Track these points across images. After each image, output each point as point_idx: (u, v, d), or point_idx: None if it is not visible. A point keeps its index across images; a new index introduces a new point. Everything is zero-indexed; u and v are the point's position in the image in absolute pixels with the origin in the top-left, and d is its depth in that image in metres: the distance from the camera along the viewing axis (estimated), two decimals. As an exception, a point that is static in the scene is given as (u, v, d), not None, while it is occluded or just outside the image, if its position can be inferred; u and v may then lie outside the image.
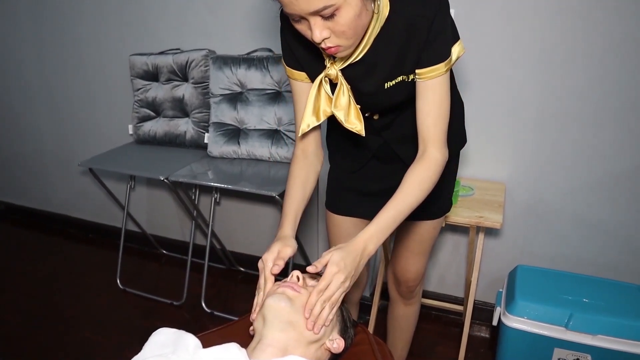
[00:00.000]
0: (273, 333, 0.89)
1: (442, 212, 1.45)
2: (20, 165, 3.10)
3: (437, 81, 1.09)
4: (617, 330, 1.63)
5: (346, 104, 1.12)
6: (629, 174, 1.78)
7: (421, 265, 1.54)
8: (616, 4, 1.61)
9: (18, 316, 2.31)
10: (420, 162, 1.13)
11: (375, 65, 1.11)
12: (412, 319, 1.72)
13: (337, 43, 0.99)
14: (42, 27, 2.61)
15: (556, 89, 1.76)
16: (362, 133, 1.14)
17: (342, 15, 0.93)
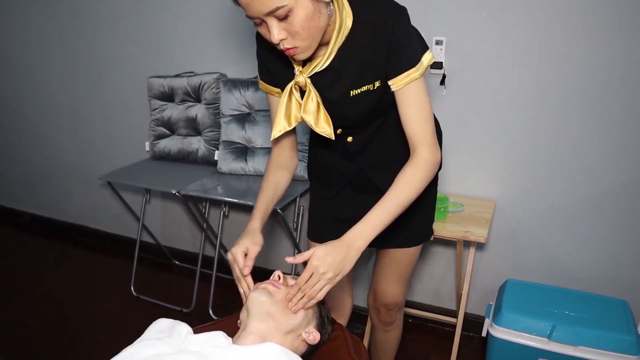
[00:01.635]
0: (254, 323, 1.01)
1: (421, 240, 1.50)
2: (43, 179, 3.29)
3: (413, 85, 1.14)
4: (598, 342, 1.71)
5: (315, 109, 1.18)
6: (614, 192, 1.86)
7: (399, 291, 1.59)
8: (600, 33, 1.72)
9: (36, 319, 2.47)
10: (410, 163, 1.17)
11: (341, 74, 1.17)
12: (393, 343, 1.77)
13: (293, 44, 1.06)
14: (69, 51, 2.82)
15: (545, 111, 1.87)
16: (331, 137, 1.19)
17: (295, 15, 1.01)
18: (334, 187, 1.44)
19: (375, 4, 1.14)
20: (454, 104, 1.99)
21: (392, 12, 1.12)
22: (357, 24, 1.13)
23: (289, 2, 0.99)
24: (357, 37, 1.14)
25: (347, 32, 1.13)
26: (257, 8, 1.00)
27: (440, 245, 2.19)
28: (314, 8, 1.03)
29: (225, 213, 2.44)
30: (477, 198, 2.05)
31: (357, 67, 1.17)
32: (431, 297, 2.33)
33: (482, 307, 2.20)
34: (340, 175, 1.40)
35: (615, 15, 1.67)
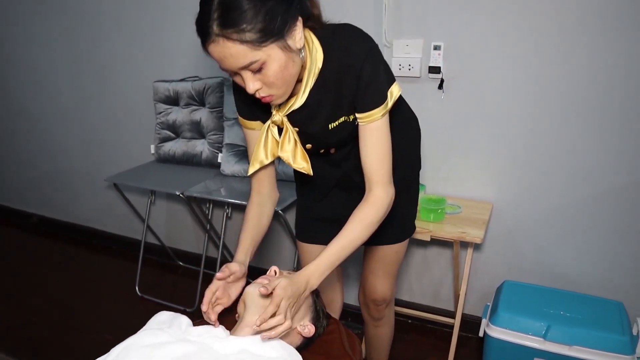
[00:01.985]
0: (250, 315, 1.06)
1: (404, 237, 1.55)
2: (51, 181, 3.36)
3: (375, 125, 1.19)
4: (592, 342, 1.73)
5: (292, 148, 1.22)
6: (611, 194, 1.89)
7: (387, 287, 1.63)
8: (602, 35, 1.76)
9: (44, 319, 2.52)
10: (365, 202, 1.23)
11: (316, 110, 1.22)
12: (385, 338, 1.81)
13: (269, 93, 1.09)
14: (76, 56, 2.89)
15: (542, 114, 1.90)
16: (309, 172, 1.24)
17: (269, 68, 1.03)
18: (321, 190, 1.48)
19: (344, 44, 1.16)
20: (452, 108, 2.03)
21: (361, 55, 1.15)
22: (328, 62, 1.16)
23: (261, 57, 1.02)
24: (328, 76, 1.18)
25: (318, 71, 1.17)
26: (231, 63, 1.03)
27: (438, 246, 2.23)
28: (287, 58, 1.06)
29: (228, 214, 2.48)
30: (474, 200, 2.09)
31: (330, 103, 1.21)
32: (430, 298, 2.37)
33: (480, 308, 2.23)
34: (326, 180, 1.44)
35: (613, 18, 1.70)
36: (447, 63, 1.98)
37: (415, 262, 2.33)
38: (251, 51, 1.00)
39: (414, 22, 1.98)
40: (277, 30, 1.01)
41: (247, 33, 0.98)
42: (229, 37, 0.99)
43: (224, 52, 1.01)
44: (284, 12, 1.02)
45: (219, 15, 0.99)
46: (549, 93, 1.87)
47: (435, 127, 2.06)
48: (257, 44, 1.00)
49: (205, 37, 1.02)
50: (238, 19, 0.98)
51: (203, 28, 1.02)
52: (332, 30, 1.17)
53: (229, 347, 0.96)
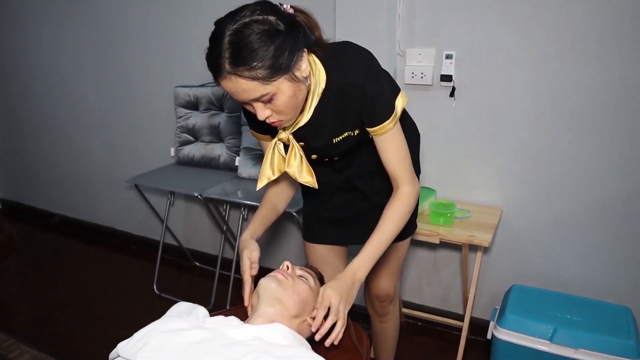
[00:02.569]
0: (264, 307, 1.12)
1: (406, 235, 1.60)
2: (73, 182, 3.48)
3: (389, 135, 1.27)
4: (597, 345, 1.76)
5: (298, 164, 1.29)
6: (618, 201, 1.92)
7: (390, 283, 1.70)
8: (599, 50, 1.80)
9: (65, 314, 2.62)
10: (394, 198, 1.32)
11: (320, 127, 1.28)
12: (390, 334, 1.87)
13: (278, 119, 1.16)
14: (101, 63, 3.01)
15: (550, 123, 1.95)
16: (315, 186, 1.31)
17: (278, 99, 1.10)
18: (325, 194, 1.54)
19: (344, 65, 1.22)
20: (462, 115, 2.08)
21: (361, 73, 1.20)
22: (331, 82, 1.22)
23: (271, 90, 1.08)
24: (331, 95, 1.24)
25: (322, 91, 1.23)
26: (243, 97, 1.10)
27: (447, 249, 2.27)
28: (295, 88, 1.12)
29: (244, 216, 2.56)
30: (483, 205, 2.13)
31: (334, 120, 1.27)
32: (439, 301, 2.41)
33: (488, 312, 2.26)
34: (330, 185, 1.49)
35: (627, 28, 1.75)
36: (459, 72, 2.03)
37: (425, 266, 2.37)
38: (262, 86, 1.07)
39: (427, 31, 2.04)
40: (285, 65, 1.07)
41: (258, 70, 1.04)
42: (240, 74, 1.04)
43: (236, 88, 1.07)
44: (291, 47, 1.08)
45: (230, 54, 1.04)
46: (557, 102, 1.91)
47: (446, 133, 2.12)
48: (268, 79, 1.06)
49: (217, 73, 1.08)
50: (249, 57, 1.03)
51: (215, 65, 1.07)
52: (332, 51, 1.23)
53: (243, 334, 1.02)
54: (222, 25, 1.07)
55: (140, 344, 0.98)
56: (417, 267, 2.40)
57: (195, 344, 0.95)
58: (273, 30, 1.05)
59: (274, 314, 1.11)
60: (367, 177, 1.47)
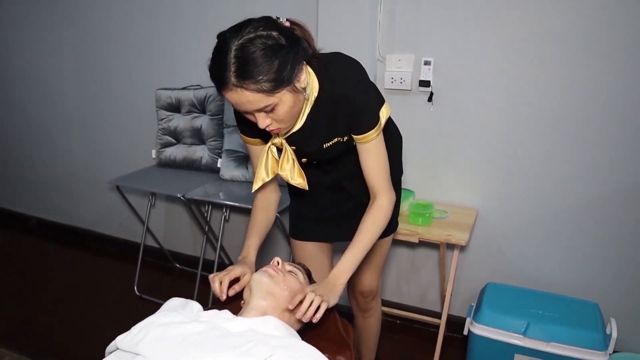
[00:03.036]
0: (256, 300, 1.17)
1: (388, 232, 1.67)
2: (53, 184, 3.45)
3: (372, 144, 1.34)
4: (567, 338, 1.86)
5: (290, 167, 1.36)
6: (588, 203, 2.03)
7: (373, 279, 1.77)
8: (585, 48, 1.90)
9: (47, 316, 2.61)
10: (372, 208, 1.39)
11: (312, 132, 1.35)
12: (373, 329, 1.94)
13: (277, 127, 1.23)
14: (81, 64, 3.01)
15: (524, 127, 2.04)
16: (305, 187, 1.38)
17: (279, 109, 1.17)
18: (313, 194, 1.59)
19: (335, 76, 1.29)
20: (440, 119, 2.16)
21: (352, 85, 1.28)
22: (323, 92, 1.29)
23: (274, 101, 1.14)
24: (324, 103, 1.31)
25: (314, 99, 1.30)
26: (247, 107, 1.15)
27: (425, 247, 2.35)
28: (295, 98, 1.19)
29: (226, 217, 2.59)
30: (460, 206, 2.22)
31: (325, 127, 1.34)
32: (417, 300, 2.48)
33: (465, 309, 2.35)
34: (318, 185, 1.55)
35: (592, 36, 1.85)
36: (437, 77, 2.11)
37: (403, 265, 2.45)
38: (266, 97, 1.12)
39: (406, 38, 2.12)
40: (288, 78, 1.13)
41: (263, 83, 1.10)
42: (246, 87, 1.10)
43: (241, 99, 1.13)
44: (293, 61, 1.14)
45: (236, 67, 1.09)
46: (532, 107, 2.00)
47: (424, 137, 2.19)
48: (272, 92, 1.12)
49: (222, 85, 1.12)
50: (254, 71, 1.08)
51: (220, 78, 1.12)
52: (324, 61, 1.29)
53: (238, 326, 1.06)
54: (227, 40, 1.11)
55: (139, 336, 1.01)
56: (395, 267, 2.47)
57: (193, 335, 0.99)
58: (276, 45, 1.10)
59: (266, 307, 1.16)
60: (353, 178, 1.53)
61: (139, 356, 0.98)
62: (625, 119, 1.88)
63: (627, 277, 2.04)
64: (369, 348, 1.98)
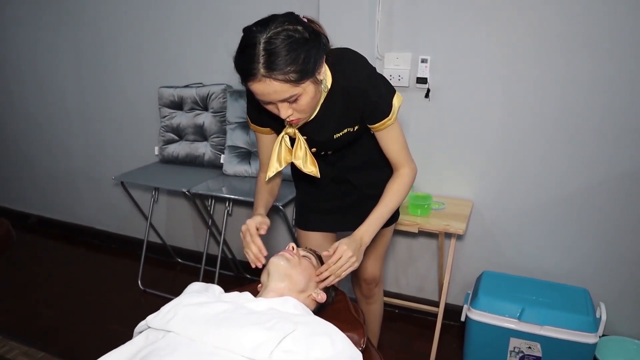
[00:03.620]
0: (274, 283, 1.25)
1: (391, 222, 1.75)
2: (52, 182, 3.50)
3: (389, 129, 1.45)
4: (560, 322, 1.96)
5: (303, 155, 1.45)
6: (579, 194, 2.13)
7: (377, 267, 1.86)
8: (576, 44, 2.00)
9: (52, 310, 2.66)
10: (395, 177, 1.52)
11: (324, 123, 1.43)
12: (375, 315, 2.02)
13: (298, 117, 1.30)
14: (81, 63, 3.05)
15: (517, 122, 2.13)
16: (317, 175, 1.47)
17: (302, 99, 1.24)
18: (318, 185, 1.68)
19: (348, 69, 1.37)
20: (436, 115, 2.25)
21: (364, 77, 1.38)
22: (336, 84, 1.37)
23: (299, 91, 1.22)
24: (336, 95, 1.39)
25: (328, 90, 1.38)
26: (273, 97, 1.22)
27: (423, 237, 2.44)
28: (316, 89, 1.27)
29: (229, 211, 2.66)
30: (456, 198, 2.31)
31: (336, 117, 1.42)
32: (416, 289, 2.57)
33: (461, 298, 2.44)
34: (323, 177, 1.62)
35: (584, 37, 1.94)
36: (433, 74, 2.20)
37: (402, 257, 2.54)
38: (291, 87, 1.20)
39: (404, 37, 2.21)
40: (312, 69, 1.21)
41: (290, 74, 1.17)
42: (274, 77, 1.17)
43: (268, 90, 1.20)
44: (316, 53, 1.22)
45: (265, 59, 1.15)
46: (524, 102, 2.10)
47: (422, 132, 2.28)
48: (297, 82, 1.19)
49: (250, 76, 1.19)
50: (282, 63, 1.15)
51: (248, 69, 1.18)
52: (336, 55, 1.37)
53: (260, 306, 1.14)
54: (254, 33, 1.18)
55: (169, 315, 1.09)
56: (394, 258, 2.55)
57: (220, 314, 1.07)
58: (302, 39, 1.18)
59: (284, 288, 1.24)
60: (357, 170, 1.61)
61: (171, 333, 1.05)
62: (608, 116, 1.99)
63: (615, 264, 2.15)
64: (372, 333, 2.06)
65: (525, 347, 2.02)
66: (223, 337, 1.00)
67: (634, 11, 1.85)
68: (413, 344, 2.41)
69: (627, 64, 1.91)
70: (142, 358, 0.99)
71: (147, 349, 1.02)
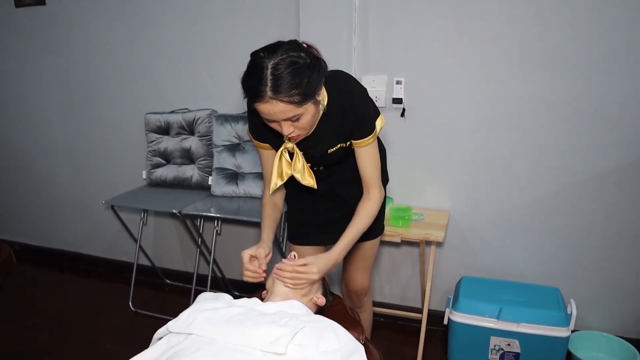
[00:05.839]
0: (279, 288, 1.38)
1: (377, 234, 1.90)
2: (36, 209, 3.53)
3: (369, 147, 1.59)
4: (535, 318, 2.12)
5: (301, 167, 1.56)
6: (547, 200, 2.31)
7: (365, 278, 1.98)
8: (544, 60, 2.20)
9: (45, 334, 2.69)
10: (365, 200, 1.64)
11: (319, 138, 1.55)
12: (366, 323, 2.11)
13: (298, 133, 1.43)
14: (68, 90, 3.13)
15: (485, 138, 2.32)
16: (314, 186, 1.59)
17: (304, 118, 1.37)
18: (309, 201, 1.81)
19: (343, 90, 1.51)
20: (412, 132, 2.42)
21: (358, 95, 1.52)
22: (331, 103, 1.50)
23: (301, 111, 1.35)
24: (331, 112, 1.51)
25: (323, 109, 1.50)
26: (276, 117, 1.35)
27: (406, 246, 2.59)
28: (315, 109, 1.41)
29: (218, 231, 2.76)
30: (434, 209, 2.47)
31: (331, 133, 1.55)
32: (399, 298, 2.71)
33: (443, 303, 2.58)
34: (313, 192, 1.72)
35: (542, 59, 2.14)
36: (408, 95, 2.37)
37: (386, 266, 2.67)
38: (295, 108, 1.33)
39: (379, 61, 2.38)
40: (313, 92, 1.35)
41: (294, 97, 1.30)
42: (280, 99, 1.30)
43: (274, 110, 1.32)
44: (316, 78, 1.35)
45: (272, 83, 1.28)
46: (492, 118, 2.28)
47: (399, 148, 2.44)
48: (300, 104, 1.33)
49: (258, 97, 1.31)
50: (288, 86, 1.28)
51: (256, 91, 1.31)
52: (330, 76, 1.50)
53: (270, 309, 1.26)
54: (261, 59, 1.31)
55: (189, 320, 1.20)
56: (377, 268, 2.69)
57: (236, 316, 1.19)
58: (305, 64, 1.31)
59: (288, 292, 1.37)
60: (347, 184, 1.75)
61: (192, 335, 1.16)
62: (570, 126, 2.19)
63: (583, 263, 2.33)
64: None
65: (505, 345, 2.17)
66: (242, 335, 1.12)
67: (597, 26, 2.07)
68: (400, 350, 2.53)
69: (592, 78, 2.11)
70: (167, 358, 1.10)
71: (171, 351, 1.12)
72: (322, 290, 1.50)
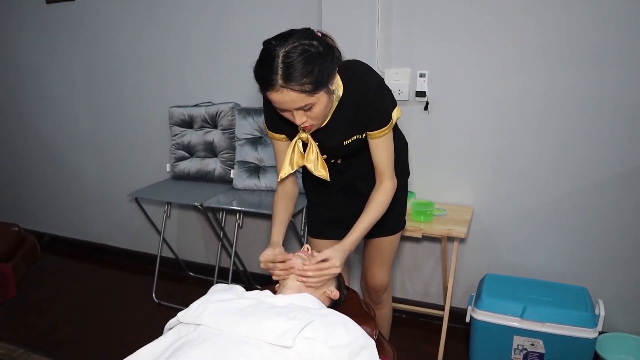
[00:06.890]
0: (292, 280, 1.36)
1: (397, 229, 1.88)
2: (64, 201, 3.63)
3: (384, 138, 1.56)
4: (560, 318, 2.05)
5: (315, 158, 1.54)
6: (573, 197, 2.23)
7: (384, 275, 1.95)
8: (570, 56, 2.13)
9: (70, 325, 2.75)
10: (377, 190, 1.62)
11: (334, 130, 1.53)
12: (385, 320, 2.11)
13: (311, 123, 1.42)
14: (95, 85, 3.20)
15: (511, 131, 2.25)
16: (327, 178, 1.56)
17: (316, 107, 1.36)
18: (328, 195, 1.79)
19: (359, 80, 1.49)
20: (435, 126, 2.37)
21: (373, 86, 1.49)
22: (347, 93, 1.48)
23: (313, 100, 1.33)
24: (346, 104, 1.50)
25: (339, 99, 1.49)
26: (289, 106, 1.33)
27: (428, 242, 2.55)
28: (328, 98, 1.38)
29: (240, 224, 2.76)
30: (457, 205, 2.42)
31: (346, 125, 1.53)
32: (421, 294, 2.67)
33: (465, 301, 2.53)
34: (332, 186, 1.72)
35: (571, 51, 2.07)
36: (431, 88, 2.33)
37: (407, 262, 2.64)
38: (307, 97, 1.31)
39: (402, 54, 2.34)
40: (325, 81, 1.33)
41: (305, 85, 1.28)
42: (291, 88, 1.28)
43: (285, 99, 1.31)
44: (329, 66, 1.34)
45: (283, 71, 1.27)
46: (518, 112, 2.22)
47: (422, 142, 2.40)
48: (312, 93, 1.31)
49: (269, 86, 1.31)
50: (299, 75, 1.27)
51: (267, 80, 1.30)
52: (346, 66, 1.49)
53: (280, 301, 1.25)
54: (273, 47, 1.30)
55: (199, 310, 1.19)
56: (399, 264, 2.65)
57: (245, 308, 1.18)
58: (317, 52, 1.30)
59: (300, 285, 1.35)
60: (365, 177, 1.72)
61: (201, 326, 1.15)
62: (596, 122, 2.11)
63: (611, 262, 2.24)
64: (383, 333, 2.15)
65: (529, 344, 2.11)
66: (250, 327, 1.11)
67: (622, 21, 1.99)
68: (420, 347, 2.49)
69: (614, 73, 2.03)
70: (175, 349, 1.10)
71: (180, 341, 1.12)
72: (335, 283, 1.47)
